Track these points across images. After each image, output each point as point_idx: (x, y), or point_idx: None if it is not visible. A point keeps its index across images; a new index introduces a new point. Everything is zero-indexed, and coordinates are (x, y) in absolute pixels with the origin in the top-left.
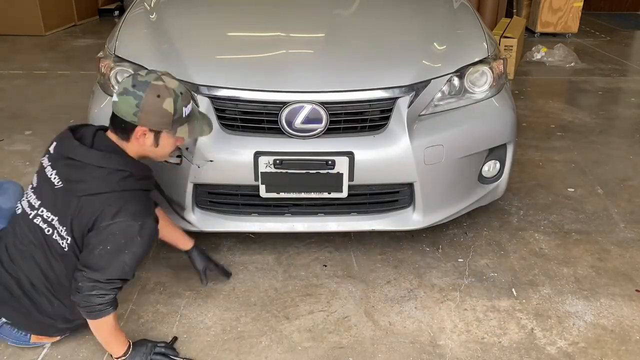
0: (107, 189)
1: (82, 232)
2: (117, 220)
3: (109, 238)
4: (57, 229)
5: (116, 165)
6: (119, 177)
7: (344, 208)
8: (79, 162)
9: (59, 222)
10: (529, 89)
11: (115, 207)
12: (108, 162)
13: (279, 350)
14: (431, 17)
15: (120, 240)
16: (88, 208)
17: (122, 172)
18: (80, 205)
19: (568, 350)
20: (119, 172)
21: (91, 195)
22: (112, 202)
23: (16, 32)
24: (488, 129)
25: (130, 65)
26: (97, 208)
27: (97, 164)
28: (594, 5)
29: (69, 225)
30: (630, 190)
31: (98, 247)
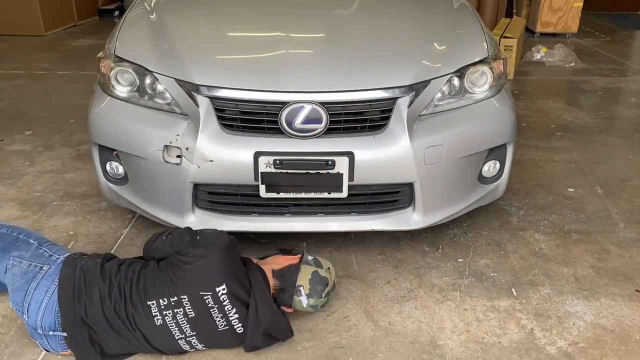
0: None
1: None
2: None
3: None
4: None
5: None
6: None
7: (344, 208)
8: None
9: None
10: (529, 89)
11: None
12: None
13: (279, 350)
14: (431, 17)
15: None
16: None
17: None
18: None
19: (568, 350)
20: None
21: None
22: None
23: (16, 32)
24: (488, 129)
25: (130, 65)
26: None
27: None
28: (594, 5)
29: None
30: (630, 190)
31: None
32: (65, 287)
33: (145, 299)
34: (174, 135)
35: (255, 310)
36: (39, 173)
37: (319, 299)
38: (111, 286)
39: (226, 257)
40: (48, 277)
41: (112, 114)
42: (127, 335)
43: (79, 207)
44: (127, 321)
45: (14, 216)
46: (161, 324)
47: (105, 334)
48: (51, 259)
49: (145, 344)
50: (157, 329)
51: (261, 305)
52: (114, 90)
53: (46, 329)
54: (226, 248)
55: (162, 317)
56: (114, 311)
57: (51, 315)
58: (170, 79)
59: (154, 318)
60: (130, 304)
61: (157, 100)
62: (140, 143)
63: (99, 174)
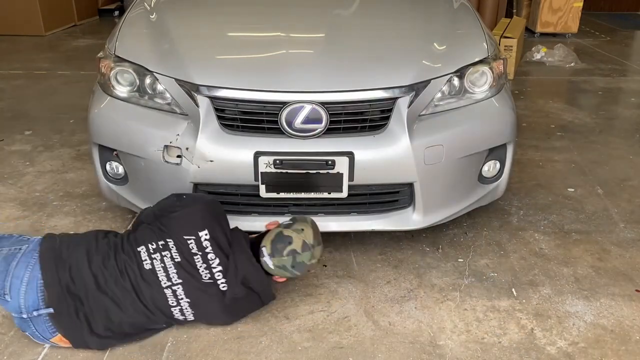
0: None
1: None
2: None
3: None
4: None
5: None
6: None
7: (344, 208)
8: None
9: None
10: (529, 89)
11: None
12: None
13: (279, 350)
14: (431, 17)
15: None
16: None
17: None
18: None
19: (568, 350)
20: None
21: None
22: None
23: (16, 32)
24: (488, 129)
25: (130, 65)
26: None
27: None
28: (594, 5)
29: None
30: (630, 190)
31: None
32: (46, 258)
33: (135, 245)
34: (174, 135)
35: (234, 259)
36: (39, 173)
37: (281, 257)
38: (98, 244)
39: (210, 208)
40: (28, 254)
41: (112, 114)
42: (115, 293)
43: (79, 207)
44: (117, 270)
45: (14, 216)
46: (150, 268)
47: (92, 300)
48: (30, 240)
49: (135, 298)
50: (145, 276)
51: (238, 253)
52: (114, 90)
53: (30, 309)
54: (210, 202)
55: (150, 262)
56: (102, 264)
57: (34, 292)
58: (170, 79)
59: (143, 262)
60: (122, 252)
61: (157, 100)
62: (140, 143)
63: (99, 174)
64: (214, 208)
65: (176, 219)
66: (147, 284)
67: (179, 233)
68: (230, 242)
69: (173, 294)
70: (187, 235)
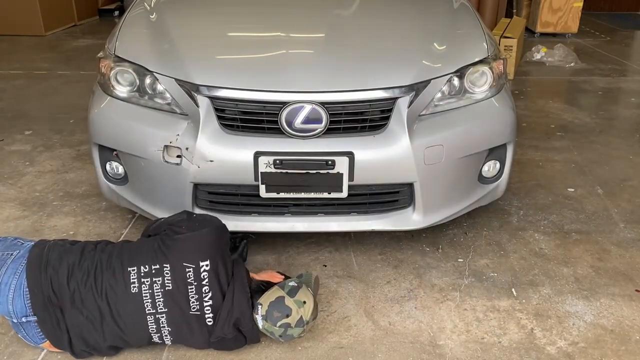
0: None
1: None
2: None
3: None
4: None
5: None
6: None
7: (344, 208)
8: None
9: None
10: (529, 89)
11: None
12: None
13: (279, 350)
14: (431, 17)
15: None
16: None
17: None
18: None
19: (568, 350)
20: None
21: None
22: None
23: (16, 32)
24: (488, 129)
25: (130, 65)
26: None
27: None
28: (594, 5)
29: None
30: (630, 190)
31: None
32: (33, 265)
33: (127, 264)
34: (174, 135)
35: (232, 297)
36: (39, 173)
37: (273, 326)
38: (83, 258)
39: (217, 236)
40: (17, 260)
41: (112, 114)
42: (91, 312)
43: (79, 207)
44: (95, 290)
45: (14, 216)
46: (136, 292)
47: (69, 316)
48: (22, 245)
49: (111, 321)
50: (129, 298)
51: (238, 292)
52: (114, 90)
53: (19, 315)
54: (219, 228)
55: (138, 285)
56: (81, 280)
57: (20, 299)
58: (170, 79)
59: (130, 285)
60: (106, 271)
61: (157, 100)
62: (140, 143)
63: (99, 174)
64: (221, 236)
65: (179, 242)
66: (130, 305)
67: (178, 259)
68: (228, 278)
69: (155, 321)
70: (187, 263)
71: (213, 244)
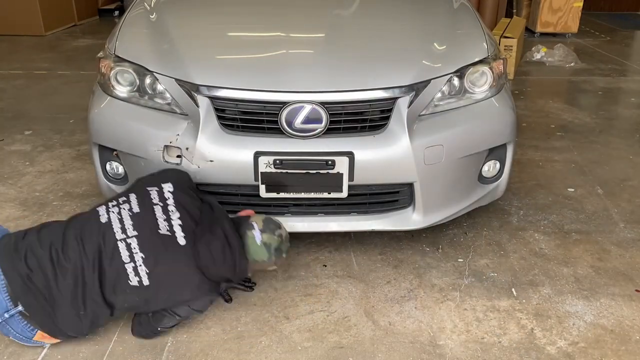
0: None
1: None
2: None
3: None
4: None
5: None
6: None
7: (344, 208)
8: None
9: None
10: (529, 89)
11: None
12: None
13: (279, 350)
14: (431, 17)
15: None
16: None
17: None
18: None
19: (568, 350)
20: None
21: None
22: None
23: (16, 32)
24: (488, 129)
25: (130, 65)
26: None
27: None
28: (594, 5)
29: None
30: (630, 190)
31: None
32: (3, 255)
33: (95, 206)
34: (174, 135)
35: (211, 214)
36: (39, 173)
37: (272, 235)
38: (51, 227)
39: (177, 170)
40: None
41: (112, 114)
42: (74, 259)
43: (79, 207)
44: (71, 239)
45: (14, 216)
46: (106, 221)
47: (56, 279)
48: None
49: (89, 265)
50: (101, 229)
51: (219, 214)
52: (114, 90)
53: (1, 312)
54: (183, 173)
55: (107, 215)
56: (57, 239)
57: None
58: (170, 79)
59: (100, 217)
60: (77, 221)
61: (157, 100)
62: (140, 143)
63: (99, 174)
64: (180, 172)
65: (143, 178)
66: (97, 237)
67: (141, 187)
68: (198, 211)
69: (127, 247)
70: (149, 187)
71: (173, 172)
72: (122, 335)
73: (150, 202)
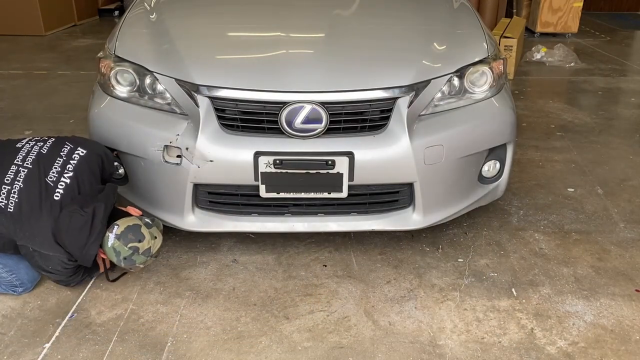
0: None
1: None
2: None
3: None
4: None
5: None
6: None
7: (344, 208)
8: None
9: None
10: (529, 89)
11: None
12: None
13: (279, 350)
14: (431, 17)
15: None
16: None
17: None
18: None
19: (568, 350)
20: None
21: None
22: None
23: (16, 32)
24: (488, 129)
25: (130, 65)
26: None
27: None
28: (594, 5)
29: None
30: (630, 190)
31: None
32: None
33: (22, 138)
34: (174, 135)
35: (97, 195)
36: None
37: (124, 246)
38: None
39: (98, 151)
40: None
41: (112, 114)
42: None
43: None
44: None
45: None
46: (19, 146)
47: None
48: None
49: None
50: (12, 151)
51: (104, 199)
52: (114, 90)
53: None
54: (107, 155)
55: (24, 144)
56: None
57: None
58: (170, 79)
59: (18, 142)
60: (8, 140)
61: (157, 100)
62: (140, 143)
63: None
64: (104, 151)
65: (75, 136)
66: (6, 157)
67: (63, 139)
68: (96, 183)
69: (16, 173)
70: (69, 143)
71: (98, 148)
72: (122, 335)
73: (58, 152)
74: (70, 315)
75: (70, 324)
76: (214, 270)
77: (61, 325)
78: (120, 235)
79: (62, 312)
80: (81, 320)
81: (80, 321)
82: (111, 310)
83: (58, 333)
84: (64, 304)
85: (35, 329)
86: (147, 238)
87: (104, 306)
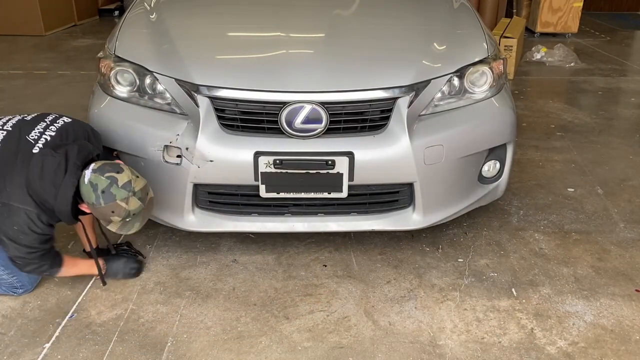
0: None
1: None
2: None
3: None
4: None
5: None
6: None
7: (344, 208)
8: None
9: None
10: (529, 89)
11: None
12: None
13: (278, 350)
14: (431, 17)
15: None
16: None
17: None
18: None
19: (568, 350)
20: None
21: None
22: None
23: (16, 32)
24: (488, 129)
25: (130, 65)
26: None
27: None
28: (594, 5)
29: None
30: (630, 190)
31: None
32: None
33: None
34: (174, 135)
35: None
36: None
37: (100, 176)
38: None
39: (83, 129)
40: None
41: (112, 114)
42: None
43: None
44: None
45: None
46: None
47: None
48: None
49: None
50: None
51: (81, 144)
52: (114, 90)
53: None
54: (95, 135)
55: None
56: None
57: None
58: (170, 79)
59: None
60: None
61: (157, 100)
62: (140, 143)
63: None
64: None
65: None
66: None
67: (51, 114)
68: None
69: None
70: (56, 113)
71: (80, 121)
72: (122, 335)
73: (42, 119)
74: (70, 315)
75: (70, 324)
76: (214, 270)
77: (61, 325)
78: (97, 169)
79: (62, 312)
80: (81, 320)
81: (80, 321)
82: (111, 310)
83: (58, 333)
84: (64, 304)
85: (35, 329)
86: (127, 172)
87: (104, 306)
